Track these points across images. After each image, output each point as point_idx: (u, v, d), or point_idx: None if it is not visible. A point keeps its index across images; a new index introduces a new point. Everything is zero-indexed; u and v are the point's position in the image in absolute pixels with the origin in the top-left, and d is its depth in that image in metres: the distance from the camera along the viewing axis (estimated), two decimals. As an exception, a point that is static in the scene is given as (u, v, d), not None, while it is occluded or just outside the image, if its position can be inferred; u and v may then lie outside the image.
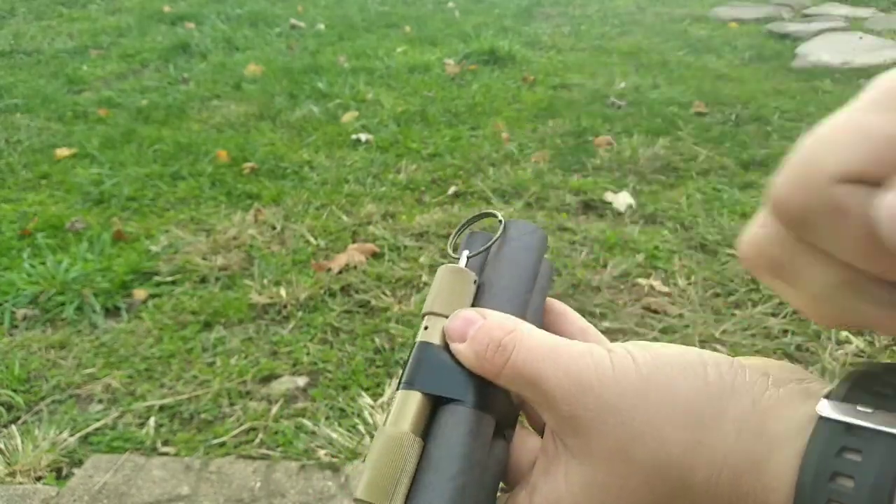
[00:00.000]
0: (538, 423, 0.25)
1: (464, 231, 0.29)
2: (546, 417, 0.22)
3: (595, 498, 0.20)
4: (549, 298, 0.27)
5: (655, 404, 0.20)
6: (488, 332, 0.22)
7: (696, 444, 0.19)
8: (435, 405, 0.23)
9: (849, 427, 0.17)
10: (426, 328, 0.24)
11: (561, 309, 0.27)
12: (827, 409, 0.17)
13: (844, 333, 1.29)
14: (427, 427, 0.23)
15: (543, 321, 0.26)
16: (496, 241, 0.27)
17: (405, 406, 0.22)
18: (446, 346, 0.23)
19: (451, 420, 0.22)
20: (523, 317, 0.24)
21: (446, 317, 0.24)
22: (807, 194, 0.16)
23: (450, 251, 0.28)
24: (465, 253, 0.27)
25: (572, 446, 0.21)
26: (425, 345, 0.23)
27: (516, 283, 0.25)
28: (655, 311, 1.39)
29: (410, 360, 0.24)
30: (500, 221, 0.27)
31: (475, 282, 0.25)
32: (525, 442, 0.25)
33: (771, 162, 2.04)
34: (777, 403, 0.19)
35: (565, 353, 0.21)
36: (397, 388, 0.23)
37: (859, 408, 0.17)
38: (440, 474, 0.21)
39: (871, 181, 0.15)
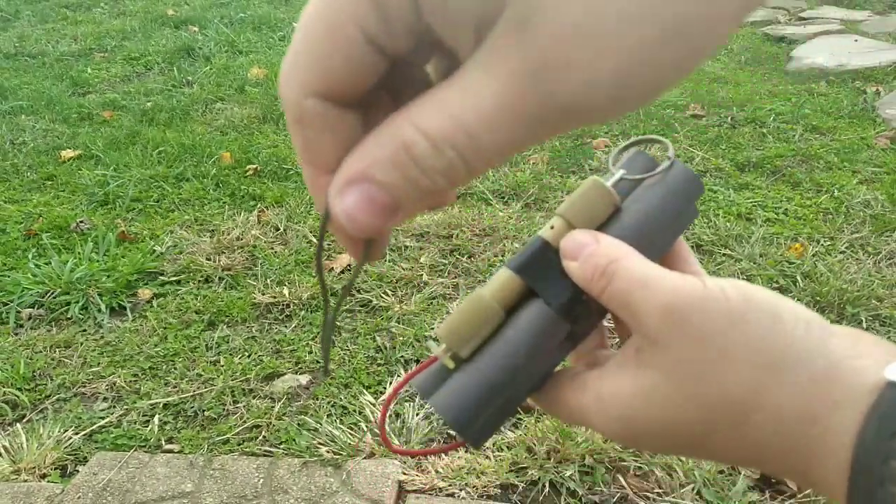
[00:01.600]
0: (626, 331, 0.26)
1: (630, 148, 0.28)
2: (634, 334, 0.23)
3: (655, 405, 0.22)
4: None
5: (735, 342, 0.21)
6: (595, 258, 0.23)
7: (763, 387, 0.20)
8: (528, 293, 0.25)
9: None
10: (552, 227, 0.26)
11: (681, 249, 0.27)
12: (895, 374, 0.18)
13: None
14: (514, 308, 0.25)
15: (666, 259, 0.27)
16: (653, 175, 0.27)
17: (505, 285, 0.25)
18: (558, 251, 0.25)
19: (534, 314, 0.25)
20: (646, 253, 0.25)
21: (573, 227, 0.25)
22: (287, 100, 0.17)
23: (610, 165, 0.28)
24: (621, 173, 0.27)
25: (650, 357, 0.22)
26: (543, 243, 0.26)
27: (652, 225, 0.25)
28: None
29: (526, 250, 0.26)
30: (669, 158, 0.27)
31: (615, 205, 0.26)
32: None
33: (766, 164, 2.06)
34: (852, 370, 0.19)
35: (659, 284, 0.22)
36: (507, 264, 0.26)
37: None
38: (503, 350, 0.24)
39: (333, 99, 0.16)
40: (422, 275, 1.54)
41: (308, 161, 0.18)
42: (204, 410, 1.19)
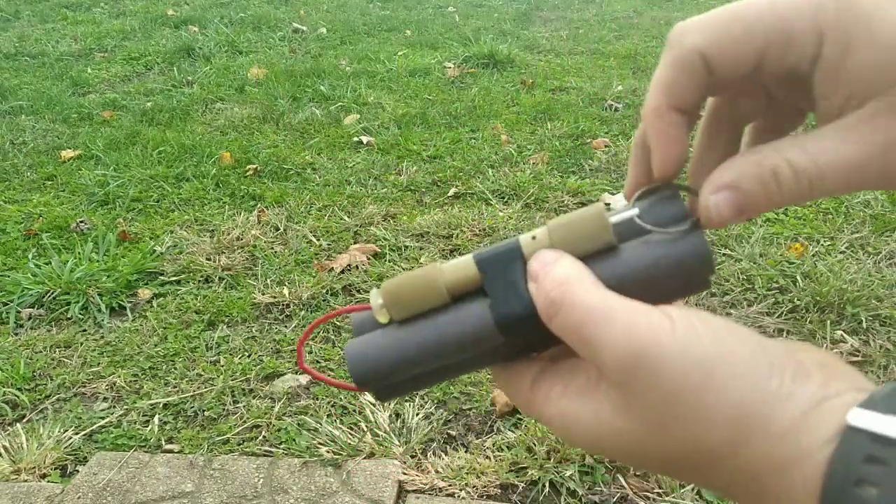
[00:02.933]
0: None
1: (661, 189, 0.24)
2: (595, 370, 0.22)
3: (621, 441, 0.21)
4: None
5: (709, 398, 0.20)
6: (546, 283, 0.22)
7: (735, 441, 0.20)
8: (481, 288, 0.24)
9: (877, 437, 0.17)
10: (534, 237, 0.24)
11: None
12: (857, 418, 0.18)
13: (840, 332, 1.30)
14: (465, 296, 0.24)
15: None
16: (663, 233, 0.23)
17: (462, 272, 0.24)
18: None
19: (474, 313, 0.24)
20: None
21: (553, 244, 0.23)
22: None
23: (631, 200, 0.25)
24: (634, 213, 0.24)
25: (614, 398, 0.21)
26: (516, 249, 0.24)
27: (633, 286, 0.23)
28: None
29: (500, 246, 0.24)
30: (688, 219, 0.23)
31: (608, 244, 0.23)
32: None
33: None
34: (824, 412, 0.19)
35: (623, 317, 0.20)
36: (474, 253, 0.25)
37: (889, 418, 0.17)
38: (430, 332, 0.24)
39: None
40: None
41: (664, 92, 0.24)
42: (204, 410, 1.19)
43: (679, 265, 0.23)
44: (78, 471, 1.07)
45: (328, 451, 1.08)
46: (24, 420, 1.19)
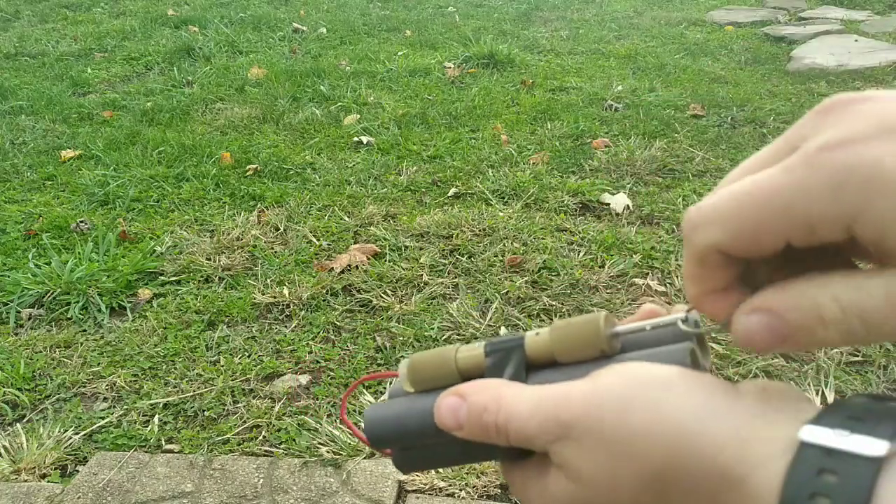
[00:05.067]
0: None
1: (676, 318, 0.25)
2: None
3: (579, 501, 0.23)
4: None
5: (636, 425, 0.21)
6: (482, 418, 0.24)
7: (675, 462, 0.20)
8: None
9: (828, 451, 0.18)
10: (537, 334, 0.26)
11: None
12: (808, 433, 0.19)
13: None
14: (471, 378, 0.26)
15: None
16: (656, 351, 0.24)
17: (472, 357, 0.26)
18: (527, 360, 0.26)
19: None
20: None
21: (550, 347, 0.25)
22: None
23: (641, 322, 0.25)
24: (643, 324, 0.25)
25: (566, 471, 0.23)
26: (519, 345, 0.26)
27: None
28: (653, 311, 1.40)
29: (507, 339, 0.26)
30: (690, 350, 0.24)
31: (602, 351, 0.25)
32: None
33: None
34: (765, 428, 0.20)
35: (547, 405, 0.23)
36: (486, 341, 0.27)
37: (837, 432, 0.18)
38: (423, 410, 0.26)
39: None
40: (422, 275, 1.54)
41: (695, 284, 0.23)
42: (204, 410, 1.19)
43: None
44: (78, 471, 1.07)
45: (328, 451, 1.08)
46: (25, 420, 1.19)
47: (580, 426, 0.22)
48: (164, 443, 1.13)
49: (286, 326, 1.41)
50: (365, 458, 1.07)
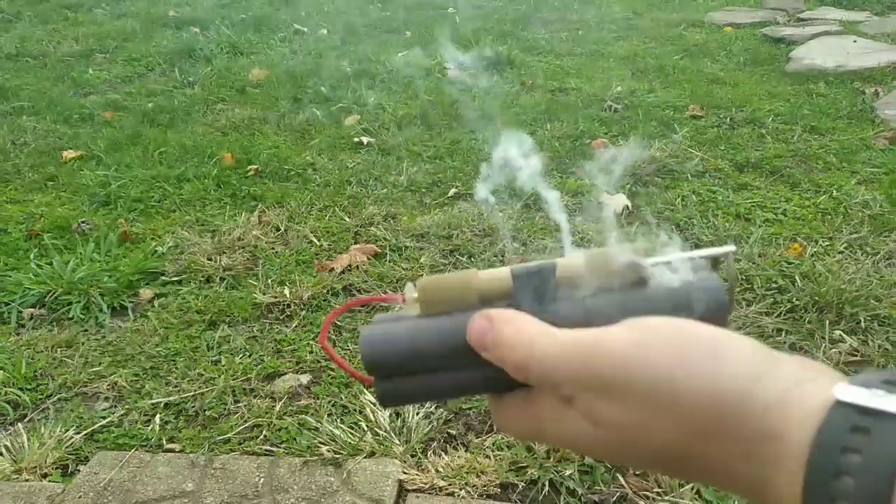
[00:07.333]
0: None
1: (693, 252, 0.26)
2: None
3: (612, 445, 0.23)
4: None
5: (684, 384, 0.21)
6: (511, 354, 0.24)
7: (721, 422, 0.21)
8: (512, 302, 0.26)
9: (862, 409, 0.19)
10: (566, 259, 0.26)
11: None
12: (843, 392, 0.19)
13: (838, 332, 1.31)
14: (494, 303, 0.26)
15: None
16: (674, 304, 0.24)
17: (496, 281, 0.26)
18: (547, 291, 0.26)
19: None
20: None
21: (583, 267, 0.25)
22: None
23: (656, 254, 0.26)
24: (675, 258, 0.26)
25: (592, 417, 0.23)
26: (552, 268, 0.26)
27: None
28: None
29: (536, 263, 0.26)
30: (722, 269, 0.24)
31: (639, 280, 0.25)
32: None
33: (765, 164, 2.06)
34: (807, 390, 0.21)
35: (583, 353, 0.23)
36: (512, 265, 0.26)
37: (873, 392, 0.19)
38: (441, 331, 0.25)
39: None
40: (422, 275, 1.54)
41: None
42: (205, 410, 1.19)
43: (701, 304, 0.24)
44: (79, 470, 1.08)
45: (329, 451, 1.08)
46: (26, 420, 1.20)
47: (621, 379, 0.22)
48: (165, 442, 1.13)
49: (287, 326, 1.41)
50: (365, 457, 1.07)
